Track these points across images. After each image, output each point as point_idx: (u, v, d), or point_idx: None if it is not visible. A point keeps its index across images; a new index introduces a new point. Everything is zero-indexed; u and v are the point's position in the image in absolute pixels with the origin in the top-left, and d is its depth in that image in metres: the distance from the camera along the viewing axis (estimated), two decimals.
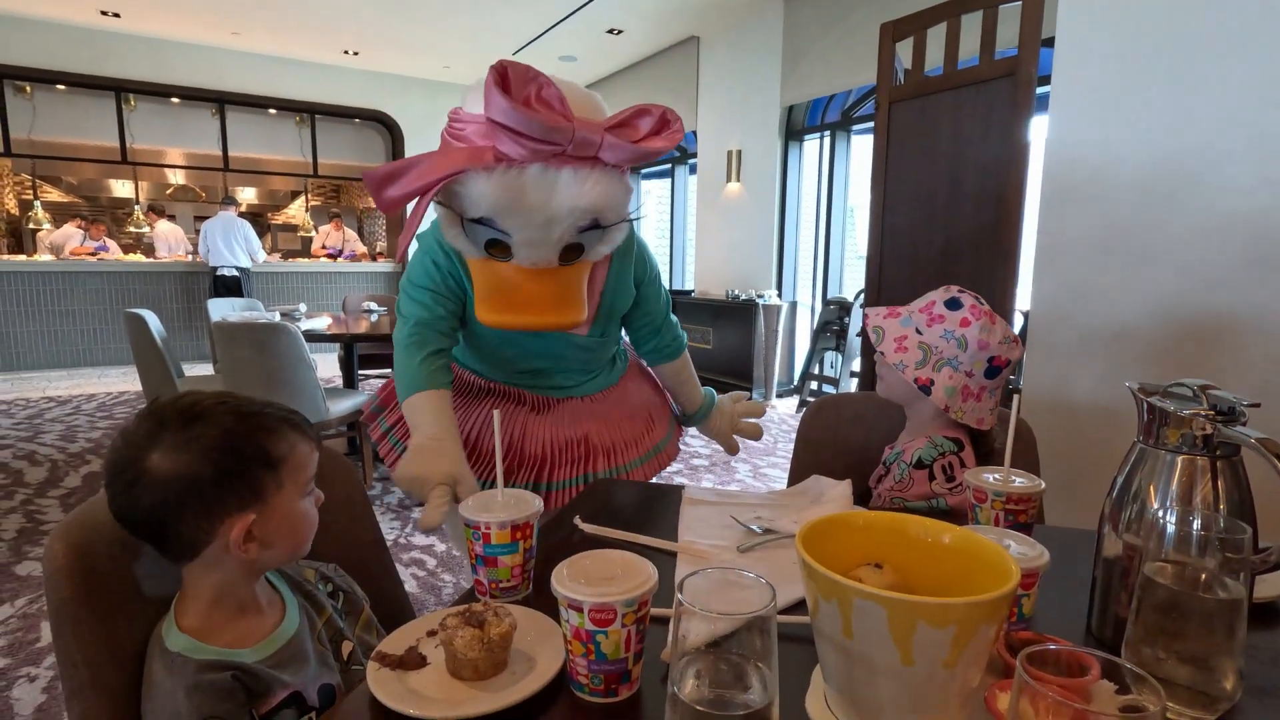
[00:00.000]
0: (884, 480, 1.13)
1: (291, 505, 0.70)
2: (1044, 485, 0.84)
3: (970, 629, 0.45)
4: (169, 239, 6.89)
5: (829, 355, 5.00)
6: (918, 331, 1.10)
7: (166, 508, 0.63)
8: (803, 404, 4.98)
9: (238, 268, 6.33)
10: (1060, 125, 1.62)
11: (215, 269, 6.25)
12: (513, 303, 1.04)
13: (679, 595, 0.44)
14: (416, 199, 0.98)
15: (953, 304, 1.09)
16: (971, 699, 0.50)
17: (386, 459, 1.26)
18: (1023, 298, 1.84)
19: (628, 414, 1.30)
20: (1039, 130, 1.68)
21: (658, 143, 0.99)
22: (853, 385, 4.70)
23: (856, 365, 4.70)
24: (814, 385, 4.96)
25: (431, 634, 0.65)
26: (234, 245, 6.26)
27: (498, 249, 1.02)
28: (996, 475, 0.87)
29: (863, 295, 3.16)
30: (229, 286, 6.24)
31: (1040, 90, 1.71)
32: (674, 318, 1.37)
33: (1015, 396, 0.87)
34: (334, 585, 0.82)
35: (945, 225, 1.85)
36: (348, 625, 0.79)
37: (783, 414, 4.85)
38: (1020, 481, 0.85)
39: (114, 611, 0.66)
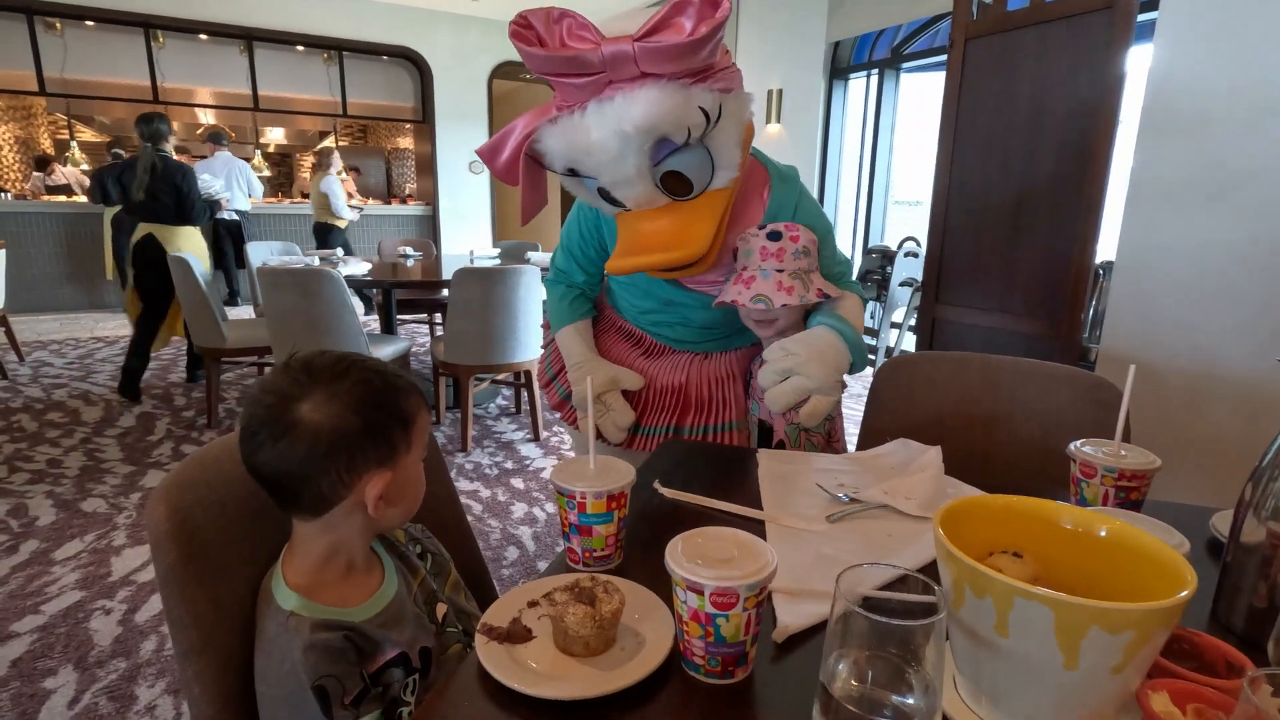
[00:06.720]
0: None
1: (415, 467, 0.71)
2: (1159, 462, 0.80)
3: (1146, 635, 0.42)
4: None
5: (869, 306, 4.89)
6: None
7: (314, 459, 0.63)
8: None
9: (238, 211, 6.00)
10: (1166, 53, 1.49)
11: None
12: (630, 246, 1.02)
13: (839, 589, 0.42)
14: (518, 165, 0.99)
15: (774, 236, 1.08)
16: (1128, 700, 0.47)
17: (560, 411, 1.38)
18: (1102, 253, 1.74)
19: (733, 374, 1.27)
20: (1132, 64, 1.55)
21: (701, 29, 0.85)
22: (892, 336, 4.60)
23: (898, 316, 4.60)
24: None
25: (532, 605, 0.64)
26: (234, 188, 5.85)
27: (609, 197, 1.01)
28: (1105, 449, 0.83)
29: (924, 247, 3.07)
30: (231, 231, 5.94)
31: (1139, 18, 1.57)
32: (852, 282, 1.21)
33: (1131, 367, 0.82)
34: (422, 547, 0.81)
35: (1021, 175, 1.74)
36: (439, 587, 0.79)
37: None
38: (1132, 456, 0.81)
39: (218, 571, 0.66)
